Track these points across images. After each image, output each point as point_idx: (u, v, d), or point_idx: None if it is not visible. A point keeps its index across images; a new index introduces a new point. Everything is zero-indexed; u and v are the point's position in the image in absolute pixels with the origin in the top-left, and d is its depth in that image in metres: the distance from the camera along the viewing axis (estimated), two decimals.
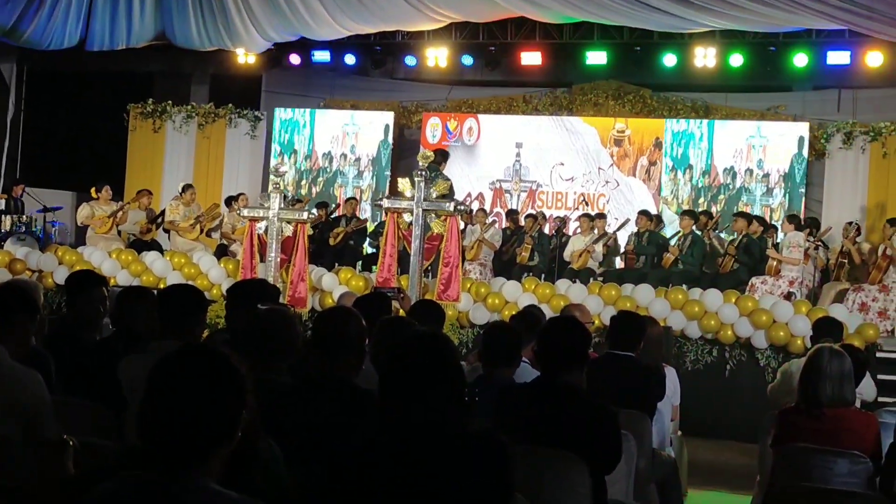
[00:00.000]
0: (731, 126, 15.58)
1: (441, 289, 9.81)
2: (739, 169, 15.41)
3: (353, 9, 13.70)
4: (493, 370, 4.73)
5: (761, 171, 15.31)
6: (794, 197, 15.08)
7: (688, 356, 10.18)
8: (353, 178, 17.30)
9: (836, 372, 4.68)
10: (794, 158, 15.09)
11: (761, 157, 15.32)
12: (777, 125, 15.40)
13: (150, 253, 12.11)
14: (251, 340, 4.04)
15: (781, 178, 15.16)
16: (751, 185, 15.38)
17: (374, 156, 17.18)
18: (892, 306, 11.60)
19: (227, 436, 2.30)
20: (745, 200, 15.24)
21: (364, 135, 17.29)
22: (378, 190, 16.88)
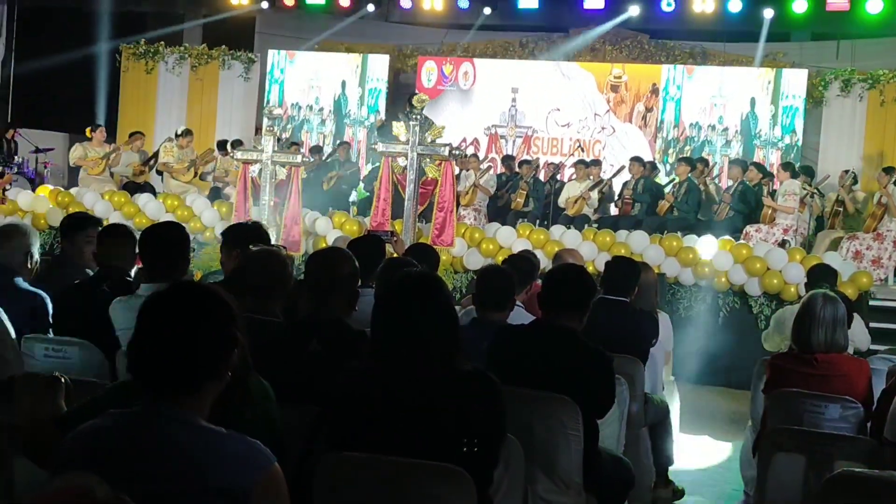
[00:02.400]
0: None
1: (435, 233, 9.80)
2: (703, 123, 15.54)
3: None
4: (486, 313, 4.72)
5: (721, 125, 15.37)
6: (797, 144, 15.07)
7: (681, 303, 10.20)
8: (318, 125, 17.28)
9: (829, 317, 4.68)
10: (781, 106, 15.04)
11: (721, 114, 15.43)
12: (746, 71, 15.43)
13: (142, 195, 12.05)
14: (243, 280, 4.01)
15: (737, 129, 15.35)
16: (712, 137, 15.48)
17: (332, 105, 17.26)
18: (885, 254, 11.62)
19: (215, 372, 2.29)
20: (708, 150, 15.32)
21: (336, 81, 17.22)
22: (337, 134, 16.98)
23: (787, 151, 15.03)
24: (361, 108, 17.25)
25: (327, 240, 10.61)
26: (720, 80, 15.53)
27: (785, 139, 15.12)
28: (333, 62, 17.35)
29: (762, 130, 15.27)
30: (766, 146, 15.25)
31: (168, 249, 4.46)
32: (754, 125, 15.29)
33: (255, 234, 5.10)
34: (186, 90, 17.35)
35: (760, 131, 15.27)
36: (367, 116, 17.15)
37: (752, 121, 15.31)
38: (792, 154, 14.92)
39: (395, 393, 2.91)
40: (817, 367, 4.67)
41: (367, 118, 17.13)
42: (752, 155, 14.92)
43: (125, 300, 4.37)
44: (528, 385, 3.95)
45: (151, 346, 2.27)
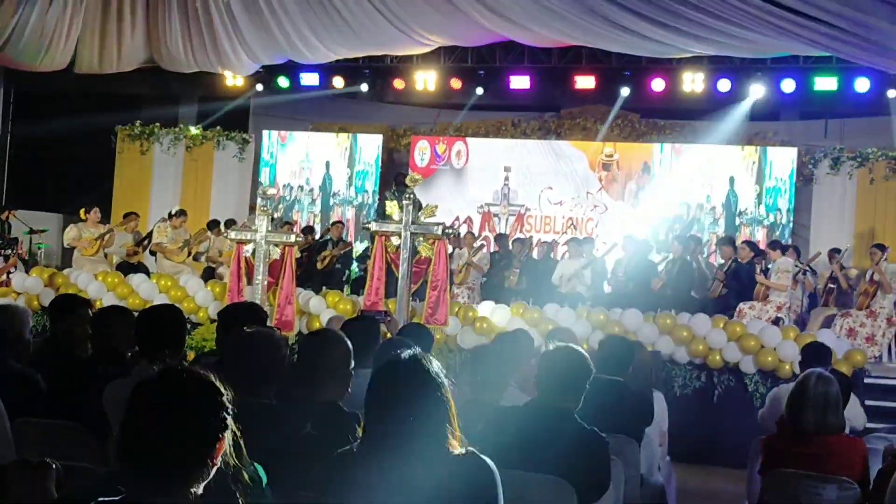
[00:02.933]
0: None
1: (429, 312, 9.77)
2: (691, 202, 15.76)
3: (342, 34, 13.71)
4: (480, 394, 4.70)
5: (709, 203, 15.57)
6: (783, 222, 15.21)
7: (676, 381, 10.15)
8: (308, 205, 17.40)
9: (821, 398, 4.66)
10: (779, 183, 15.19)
11: (708, 193, 15.64)
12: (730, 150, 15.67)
13: (136, 275, 12.04)
14: (237, 363, 4.00)
15: (721, 207, 15.63)
16: (700, 215, 15.70)
17: (319, 183, 17.52)
18: (879, 332, 11.61)
19: (204, 460, 2.27)
20: (697, 228, 15.48)
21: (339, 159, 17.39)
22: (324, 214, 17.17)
23: (773, 229, 15.16)
24: (349, 189, 17.38)
25: (321, 319, 10.59)
26: (706, 159, 15.73)
27: (770, 217, 15.26)
28: (324, 143, 17.53)
29: (747, 208, 15.43)
30: (751, 224, 15.38)
31: (164, 332, 4.46)
32: (734, 203, 15.48)
33: (252, 314, 5.10)
34: (181, 170, 17.47)
35: (746, 209, 15.43)
36: (356, 196, 17.27)
37: (731, 199, 15.50)
38: (778, 231, 15.04)
39: (389, 476, 2.88)
40: (812, 447, 4.64)
41: (356, 198, 17.25)
42: (737, 232, 15.06)
43: (119, 383, 4.35)
44: (524, 467, 3.92)
45: (139, 433, 2.25)
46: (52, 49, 14.18)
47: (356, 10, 12.88)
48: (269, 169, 17.68)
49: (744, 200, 15.52)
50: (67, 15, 13.34)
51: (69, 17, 13.39)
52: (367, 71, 16.85)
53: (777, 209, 15.28)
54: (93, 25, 13.83)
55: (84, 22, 13.68)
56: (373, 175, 17.31)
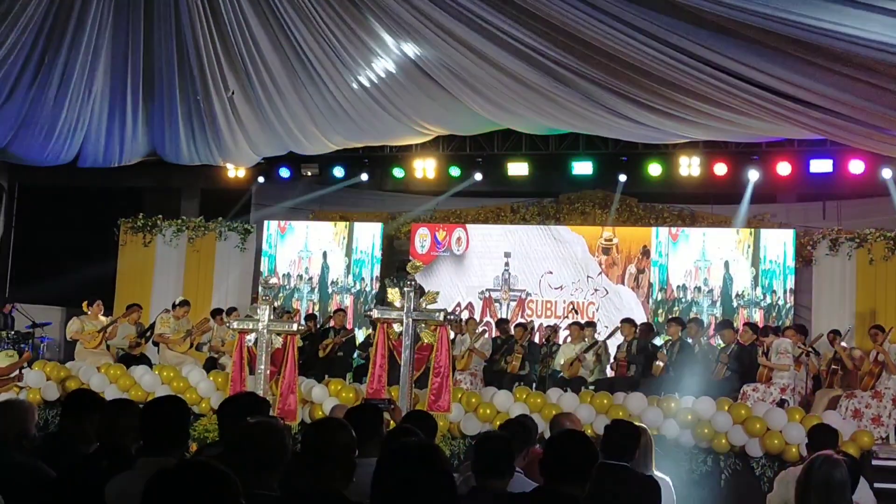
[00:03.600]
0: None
1: (432, 399, 9.75)
2: (689, 285, 15.84)
3: (342, 125, 13.91)
4: (486, 481, 4.66)
5: (707, 286, 15.66)
6: (779, 303, 15.26)
7: (682, 466, 10.06)
8: (308, 293, 17.48)
9: (826, 482, 4.61)
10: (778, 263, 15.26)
11: (706, 276, 15.75)
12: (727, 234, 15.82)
13: (138, 367, 12.02)
14: (240, 454, 3.98)
15: (719, 290, 15.69)
16: (698, 298, 15.75)
17: (317, 272, 17.61)
18: (885, 412, 11.54)
19: None
20: (696, 311, 15.54)
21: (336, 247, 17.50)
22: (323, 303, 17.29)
23: (770, 310, 15.19)
24: (348, 277, 17.47)
25: (324, 408, 10.55)
26: (703, 243, 15.85)
27: (766, 298, 15.32)
28: (322, 232, 17.67)
29: (745, 290, 15.49)
30: (749, 305, 15.43)
31: (168, 424, 4.44)
32: (730, 285, 15.54)
33: (253, 404, 5.09)
34: (183, 261, 17.55)
35: (744, 291, 15.48)
36: (354, 284, 17.34)
37: (727, 282, 15.57)
38: (775, 313, 15.07)
39: None
40: None
41: (354, 286, 17.32)
42: (735, 314, 15.11)
43: (122, 477, 4.32)
44: None
45: None
46: (58, 144, 14.38)
47: (356, 102, 13.09)
48: (268, 259, 17.77)
49: (740, 282, 15.59)
50: (76, 110, 13.54)
51: (77, 112, 13.59)
52: (366, 160, 17.05)
53: (773, 290, 15.34)
54: (99, 120, 14.02)
55: (90, 117, 13.87)
56: (369, 263, 17.40)
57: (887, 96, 9.08)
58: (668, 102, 11.12)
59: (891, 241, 14.54)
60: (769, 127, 11.53)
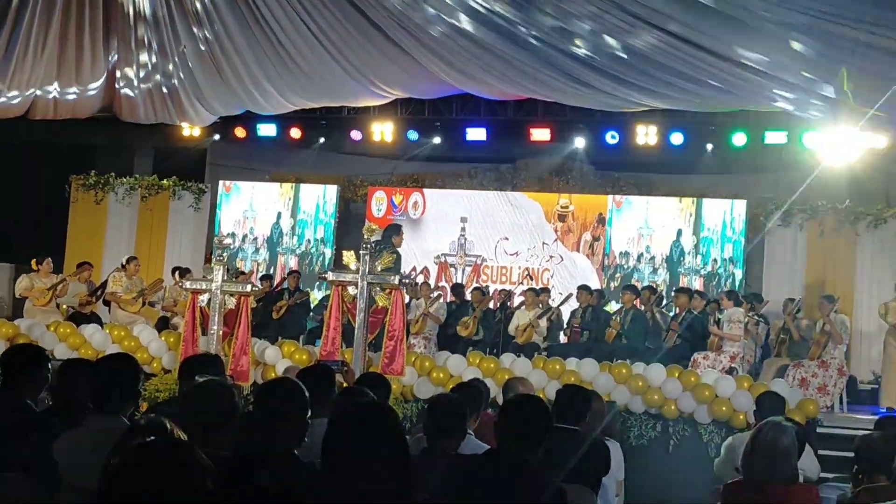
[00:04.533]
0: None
1: (385, 362, 9.75)
2: (632, 252, 16.03)
3: (299, 84, 13.79)
4: (437, 442, 4.69)
5: (648, 254, 15.81)
6: (719, 272, 15.48)
7: (632, 431, 10.17)
8: (252, 254, 17.45)
9: (774, 447, 4.69)
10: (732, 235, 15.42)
11: (648, 244, 15.93)
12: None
13: (89, 326, 11.88)
14: (191, 413, 3.97)
15: (663, 258, 15.84)
16: (640, 266, 15.94)
17: (263, 232, 17.59)
18: (831, 382, 11.74)
19: None
20: (636, 277, 15.70)
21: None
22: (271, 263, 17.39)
23: (710, 278, 15.38)
24: (293, 238, 17.45)
25: (277, 369, 10.51)
26: (647, 211, 15.98)
27: (707, 267, 15.50)
28: (268, 193, 17.59)
29: (685, 259, 15.68)
30: (689, 273, 15.62)
31: (119, 382, 4.40)
32: (675, 253, 15.71)
33: (211, 365, 5.07)
34: (136, 220, 17.38)
35: (684, 260, 15.68)
36: (298, 245, 17.32)
37: (674, 250, 15.73)
38: (714, 282, 15.27)
39: None
40: (768, 497, 4.66)
41: (298, 247, 17.30)
42: (678, 282, 15.27)
43: (71, 433, 4.29)
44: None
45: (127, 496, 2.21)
46: (9, 101, 14.11)
47: (313, 61, 12.97)
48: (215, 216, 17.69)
49: (682, 250, 15.77)
50: (28, 62, 13.27)
51: (29, 64, 13.32)
52: (324, 122, 16.94)
53: (713, 259, 15.54)
54: (49, 73, 13.77)
55: (42, 69, 13.61)
56: (312, 224, 17.42)
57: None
58: (626, 69, 11.14)
59: (842, 213, 14.73)
60: (726, 98, 11.60)
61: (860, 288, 14.55)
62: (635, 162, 16.39)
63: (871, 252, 14.64)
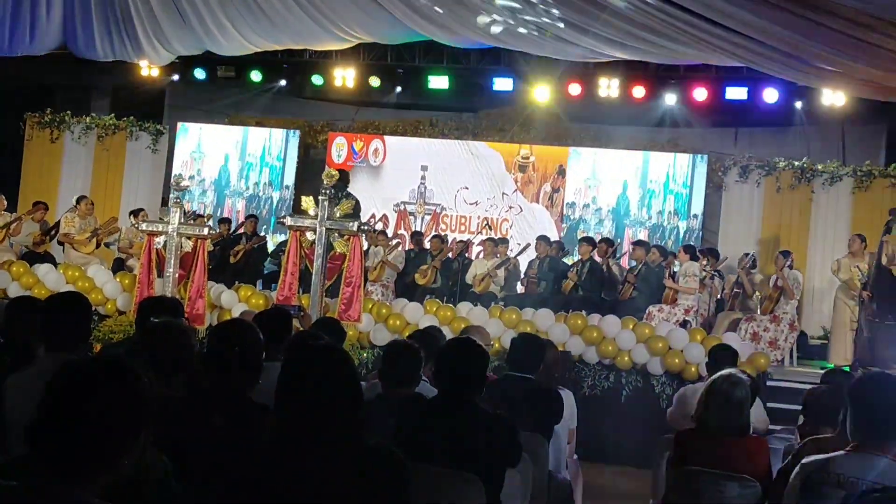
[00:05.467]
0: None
1: (342, 308, 9.76)
2: (578, 203, 16.15)
3: (260, 25, 13.56)
4: (392, 388, 4.71)
5: (595, 204, 16.02)
6: (663, 224, 15.64)
7: (585, 381, 10.28)
8: (199, 196, 17.37)
9: (728, 399, 4.77)
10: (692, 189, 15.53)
11: (595, 195, 16.05)
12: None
13: (42, 265, 11.76)
14: (145, 353, 3.95)
15: (610, 209, 16.01)
16: (587, 216, 16.10)
17: (210, 175, 17.57)
18: (782, 336, 11.93)
19: (121, 451, 2.21)
20: (582, 228, 15.89)
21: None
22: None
23: (654, 230, 15.52)
24: (240, 181, 17.36)
25: (233, 313, 10.48)
26: (594, 163, 16.08)
27: (652, 219, 15.64)
28: (216, 135, 17.48)
29: (632, 211, 15.81)
30: (634, 225, 15.75)
31: (69, 319, 4.35)
32: (622, 205, 15.82)
33: (171, 308, 5.04)
34: (92, 161, 17.14)
35: (631, 211, 15.82)
36: (246, 188, 17.23)
37: (620, 202, 15.85)
38: (658, 234, 15.42)
39: (298, 468, 2.87)
40: (719, 447, 4.75)
41: (246, 190, 17.21)
42: (623, 234, 15.38)
43: (21, 372, 4.24)
44: (436, 459, 3.94)
45: (54, 421, 2.18)
46: None
47: (275, 2, 12.77)
48: (179, 161, 17.51)
49: (629, 203, 15.90)
50: None
51: None
52: (285, 66, 16.74)
53: (658, 211, 15.68)
54: (4, 4, 13.44)
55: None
56: (258, 166, 17.38)
57: (819, 31, 9.16)
58: (588, 20, 11.08)
59: (798, 170, 14.86)
60: (689, 51, 11.59)
61: (814, 245, 14.73)
62: (597, 114, 16.38)
63: (825, 209, 14.80)
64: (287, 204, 17.01)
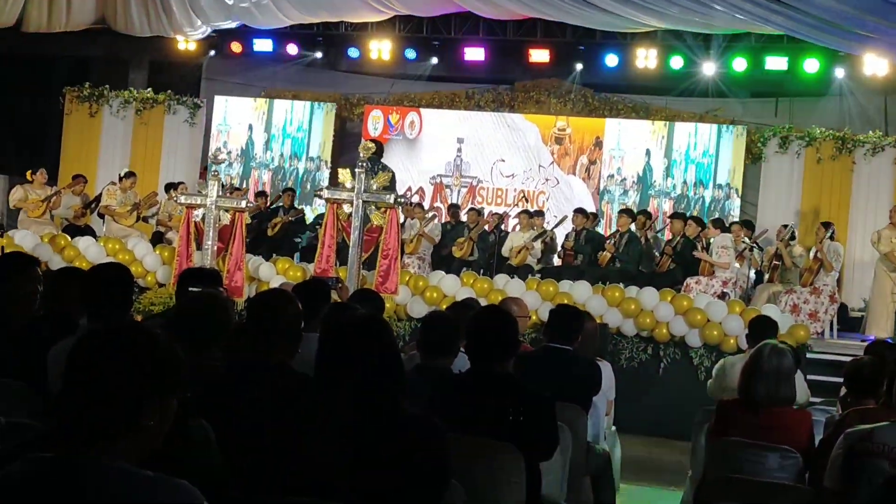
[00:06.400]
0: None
1: (379, 281, 9.78)
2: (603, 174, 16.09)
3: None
4: (431, 359, 4.71)
5: (619, 175, 15.95)
6: (687, 194, 15.54)
7: (623, 353, 10.25)
8: (226, 168, 17.44)
9: (775, 370, 4.73)
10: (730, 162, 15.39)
11: (620, 166, 16.03)
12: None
13: (83, 238, 11.87)
14: (184, 324, 3.97)
15: (635, 180, 15.89)
16: (611, 186, 16.06)
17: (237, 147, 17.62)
18: (822, 308, 11.81)
19: (145, 418, 2.21)
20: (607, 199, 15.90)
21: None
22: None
23: (679, 201, 15.42)
24: (266, 153, 17.39)
25: (271, 286, 10.53)
26: (619, 133, 16.00)
27: (677, 189, 15.52)
28: (243, 107, 17.59)
29: (656, 181, 15.69)
30: (659, 196, 15.64)
31: (111, 290, 4.39)
32: (648, 175, 15.71)
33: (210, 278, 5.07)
34: (130, 134, 17.24)
35: (655, 181, 15.69)
36: (272, 161, 17.27)
37: (647, 171, 15.74)
38: (683, 204, 15.31)
39: (339, 437, 2.88)
40: (762, 418, 4.71)
41: (272, 162, 17.27)
42: (647, 204, 15.28)
43: (64, 342, 4.29)
44: (471, 433, 3.93)
45: (79, 387, 2.19)
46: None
47: None
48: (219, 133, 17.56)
49: (654, 173, 15.79)
50: None
51: None
52: (320, 39, 16.74)
53: (684, 182, 15.56)
54: None
55: None
56: (280, 138, 17.41)
57: None
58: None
59: (839, 141, 14.65)
60: (730, 19, 11.45)
61: (855, 216, 14.54)
62: (634, 85, 16.26)
63: (867, 180, 14.59)
64: (312, 175, 17.08)
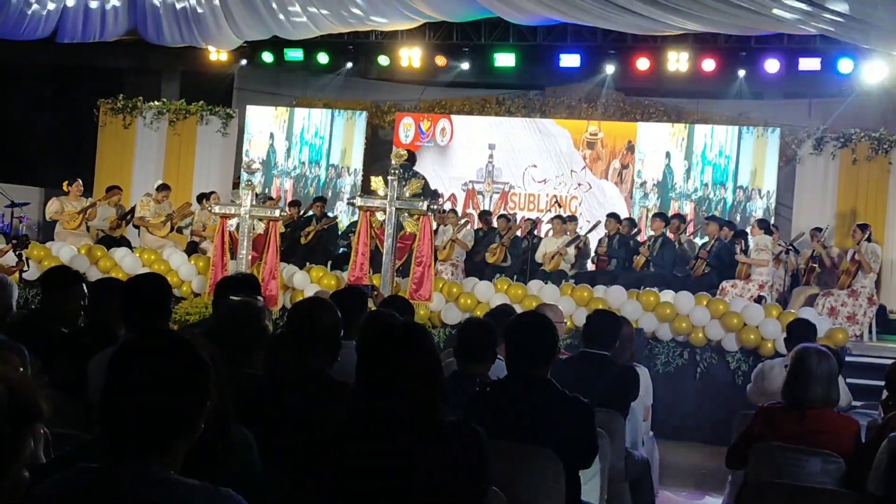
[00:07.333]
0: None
1: (413, 288, 9.79)
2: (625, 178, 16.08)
3: (328, 8, 13.61)
4: (468, 366, 4.70)
5: (640, 179, 15.99)
6: (710, 196, 15.48)
7: (659, 358, 10.19)
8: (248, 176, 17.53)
9: (822, 373, 4.67)
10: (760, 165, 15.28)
11: (640, 168, 16.02)
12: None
13: (119, 249, 11.97)
14: (222, 333, 3.99)
15: (656, 183, 15.88)
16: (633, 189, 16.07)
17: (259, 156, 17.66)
18: (860, 311, 11.69)
19: (184, 425, 2.21)
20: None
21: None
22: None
23: (701, 203, 15.33)
24: (287, 161, 17.45)
25: (305, 294, 10.57)
26: (638, 136, 16.06)
27: (699, 192, 15.43)
28: (264, 116, 17.72)
29: (677, 183, 15.61)
30: (680, 198, 15.57)
31: (150, 301, 4.42)
32: (669, 178, 15.63)
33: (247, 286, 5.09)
34: (164, 145, 17.37)
35: (676, 184, 15.62)
36: (294, 168, 17.33)
37: (667, 174, 15.66)
38: (705, 206, 15.22)
39: (379, 444, 2.87)
40: (806, 423, 4.64)
41: (294, 170, 17.37)
42: (668, 207, 15.19)
43: (104, 353, 4.32)
44: (510, 438, 3.92)
45: (118, 397, 2.19)
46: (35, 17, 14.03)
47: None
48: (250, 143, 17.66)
49: (675, 175, 15.73)
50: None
51: None
52: (351, 47, 16.80)
53: (705, 184, 15.50)
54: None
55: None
56: (298, 144, 17.56)
57: None
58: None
59: (875, 141, 14.50)
60: (759, 19, 11.37)
61: (892, 217, 14.36)
62: (666, 88, 16.19)
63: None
64: (334, 182, 17.15)
